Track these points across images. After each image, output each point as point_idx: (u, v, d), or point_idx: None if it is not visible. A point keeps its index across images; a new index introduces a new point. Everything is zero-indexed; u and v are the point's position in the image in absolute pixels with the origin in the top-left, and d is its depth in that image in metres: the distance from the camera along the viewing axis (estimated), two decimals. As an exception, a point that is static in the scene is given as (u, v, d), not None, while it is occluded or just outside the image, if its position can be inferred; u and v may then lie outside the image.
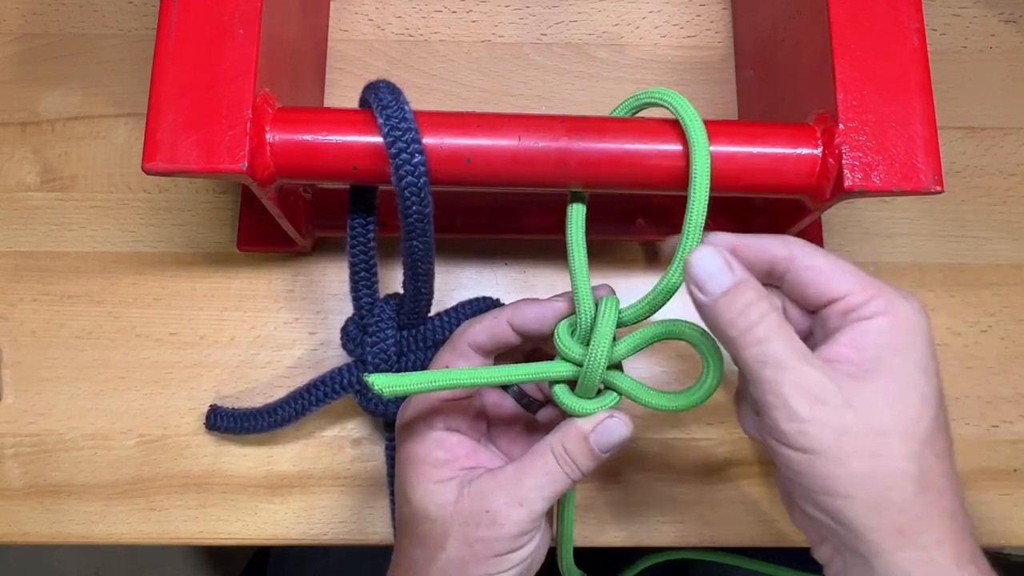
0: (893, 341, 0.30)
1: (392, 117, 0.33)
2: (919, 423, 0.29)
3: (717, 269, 0.30)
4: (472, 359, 0.36)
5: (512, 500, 0.33)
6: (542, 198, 0.46)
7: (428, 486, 0.34)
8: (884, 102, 0.35)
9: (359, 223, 0.39)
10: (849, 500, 0.29)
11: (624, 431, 0.34)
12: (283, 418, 0.42)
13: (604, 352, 0.34)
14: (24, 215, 0.47)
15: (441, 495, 0.34)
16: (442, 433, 0.36)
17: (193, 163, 0.32)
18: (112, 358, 0.45)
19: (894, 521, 0.29)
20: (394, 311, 0.40)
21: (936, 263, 0.48)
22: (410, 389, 0.33)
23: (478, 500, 0.33)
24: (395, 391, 0.33)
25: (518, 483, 0.33)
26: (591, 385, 0.34)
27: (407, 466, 0.36)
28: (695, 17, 0.51)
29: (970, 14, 0.52)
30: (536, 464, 0.34)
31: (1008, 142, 0.50)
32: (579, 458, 0.34)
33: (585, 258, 0.36)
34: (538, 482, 0.33)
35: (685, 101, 0.34)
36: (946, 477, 0.30)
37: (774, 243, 0.32)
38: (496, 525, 0.33)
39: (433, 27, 0.50)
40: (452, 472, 0.35)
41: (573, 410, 0.35)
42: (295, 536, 0.44)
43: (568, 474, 0.34)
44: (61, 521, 0.43)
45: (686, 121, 0.34)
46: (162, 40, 0.34)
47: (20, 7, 0.49)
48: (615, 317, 0.34)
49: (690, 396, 0.34)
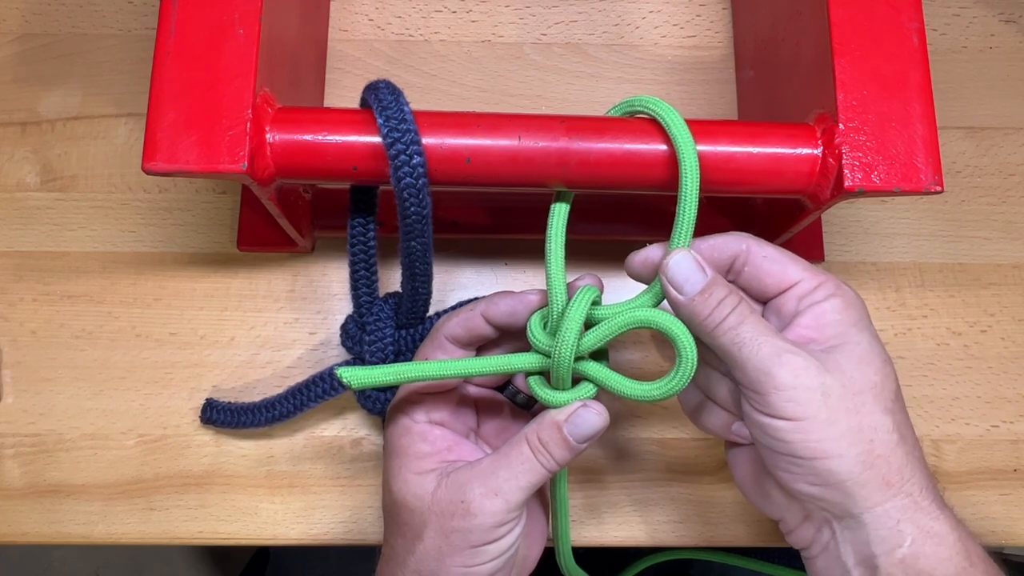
0: (848, 317, 0.33)
1: (392, 118, 0.33)
2: (886, 382, 0.33)
3: (691, 270, 0.33)
4: (451, 351, 0.37)
5: (487, 490, 0.33)
6: (542, 198, 0.46)
7: (408, 476, 0.35)
8: (884, 102, 0.35)
9: (359, 223, 0.40)
10: (842, 459, 0.31)
11: (598, 421, 0.34)
12: (281, 413, 0.42)
13: (571, 341, 0.33)
14: (24, 215, 0.47)
15: (420, 486, 0.34)
16: (425, 426, 0.36)
17: (193, 163, 0.32)
18: (112, 358, 0.45)
19: (881, 472, 0.31)
20: (393, 310, 0.40)
21: (936, 263, 0.48)
22: (378, 382, 0.34)
23: (454, 490, 0.34)
24: (363, 383, 0.34)
25: (493, 473, 0.34)
26: (562, 375, 0.34)
27: (390, 457, 0.36)
28: (695, 17, 0.51)
29: (970, 14, 0.52)
30: (511, 455, 0.34)
31: (1008, 142, 0.50)
32: (554, 448, 0.34)
33: (562, 251, 0.36)
34: (513, 472, 0.34)
35: (669, 108, 0.34)
36: (912, 430, 0.33)
37: (731, 240, 0.35)
38: (470, 515, 0.33)
39: (433, 27, 0.50)
40: (433, 464, 0.35)
41: (547, 401, 0.35)
42: (295, 536, 0.44)
43: (543, 464, 0.34)
44: (61, 521, 0.43)
45: (672, 130, 0.34)
46: (162, 40, 0.34)
47: (20, 7, 0.49)
48: (586, 306, 0.34)
49: (666, 385, 0.33)
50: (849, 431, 0.31)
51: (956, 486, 0.45)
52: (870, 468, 0.31)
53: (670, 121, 0.34)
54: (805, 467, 0.31)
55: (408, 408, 0.37)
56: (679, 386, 0.33)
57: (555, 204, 0.37)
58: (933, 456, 0.46)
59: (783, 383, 0.31)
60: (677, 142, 0.34)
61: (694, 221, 0.34)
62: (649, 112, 0.35)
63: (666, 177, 0.35)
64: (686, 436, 0.45)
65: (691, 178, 0.33)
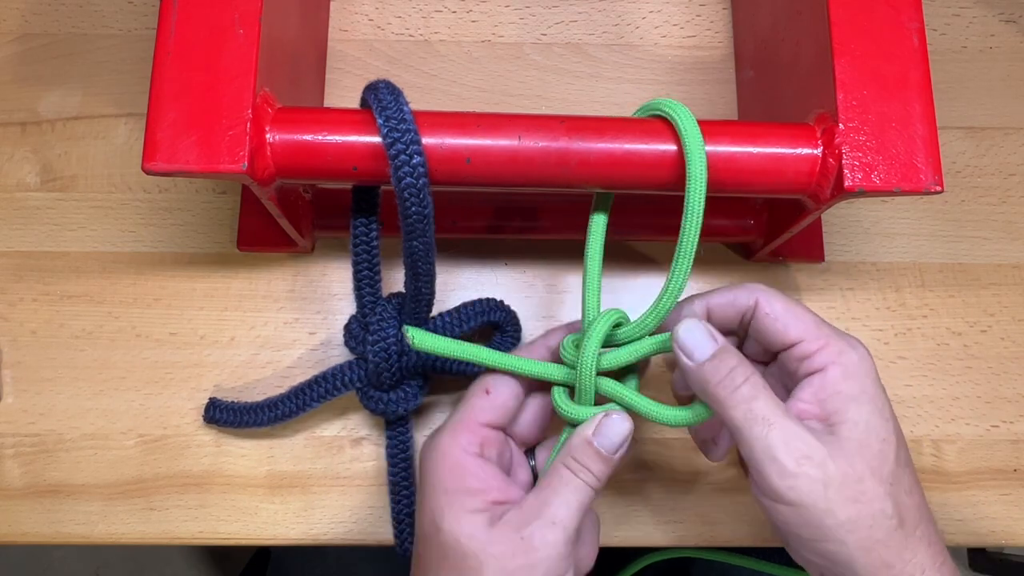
0: (849, 389, 0.33)
1: (392, 118, 0.33)
2: (885, 465, 0.32)
3: (702, 338, 0.34)
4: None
5: (543, 522, 0.33)
6: (543, 198, 0.46)
7: (460, 515, 0.34)
8: (884, 102, 0.35)
9: (361, 223, 0.40)
10: (842, 544, 0.31)
11: (625, 426, 0.35)
12: (283, 413, 0.42)
13: (591, 354, 0.35)
14: (24, 215, 0.47)
15: (472, 526, 0.34)
16: (477, 460, 0.36)
17: (193, 163, 0.32)
18: (112, 358, 0.45)
19: (881, 556, 0.32)
20: (396, 310, 0.40)
21: (936, 263, 0.48)
22: (438, 348, 0.36)
23: (511, 530, 0.33)
24: (424, 346, 0.36)
25: (545, 504, 0.34)
26: (584, 388, 0.36)
27: (439, 492, 0.35)
28: (695, 17, 0.51)
29: (970, 14, 0.52)
30: (554, 484, 0.34)
31: (1008, 142, 0.50)
32: (591, 463, 0.34)
33: (599, 270, 0.37)
34: (563, 499, 0.34)
35: (685, 112, 0.34)
36: (918, 510, 0.33)
37: (740, 294, 0.36)
38: (532, 550, 0.33)
39: (433, 27, 0.50)
40: (483, 503, 0.35)
41: (565, 413, 0.36)
42: (295, 536, 0.44)
43: (587, 482, 0.34)
44: (61, 521, 0.43)
45: (685, 137, 0.34)
46: (162, 40, 0.34)
47: (20, 7, 0.49)
48: (607, 324, 0.36)
49: (692, 412, 0.34)
50: (848, 520, 0.31)
51: (956, 486, 0.45)
52: (869, 553, 0.31)
53: (683, 126, 0.34)
54: (806, 545, 0.32)
55: (461, 438, 0.36)
56: (708, 413, 0.34)
57: (594, 215, 0.38)
58: (933, 456, 0.46)
59: (787, 470, 0.31)
60: (686, 145, 0.34)
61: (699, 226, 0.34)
62: (664, 114, 0.35)
63: (668, 177, 0.35)
64: (686, 436, 0.45)
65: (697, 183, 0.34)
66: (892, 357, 0.47)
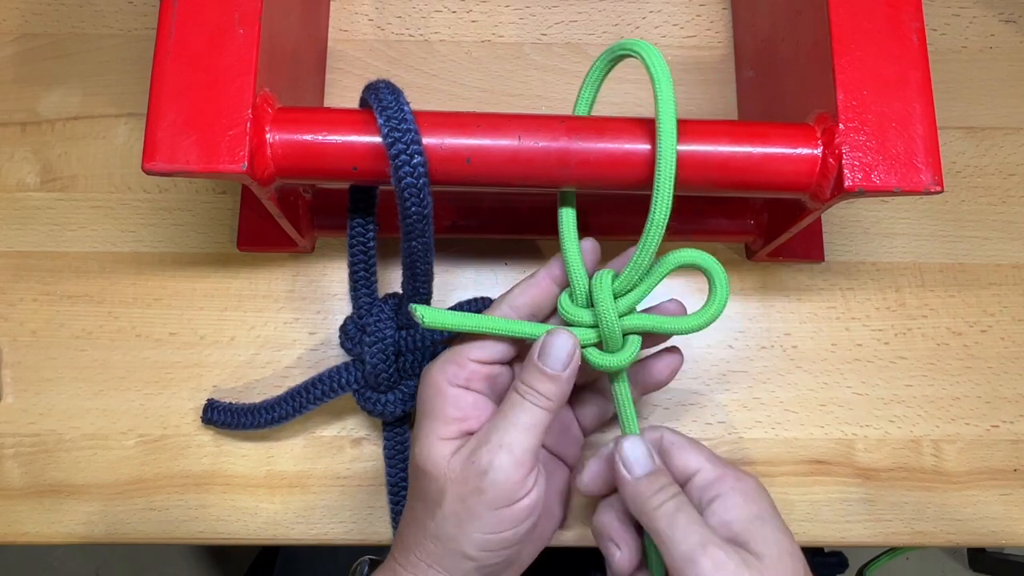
0: (750, 513, 0.35)
1: (392, 118, 0.33)
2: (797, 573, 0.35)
3: (643, 455, 0.36)
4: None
5: (492, 446, 0.34)
6: (542, 198, 0.46)
7: (432, 440, 0.35)
8: (884, 102, 0.35)
9: (358, 223, 0.40)
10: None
11: (569, 341, 0.35)
12: (281, 415, 0.42)
13: (609, 304, 0.36)
14: (24, 215, 0.47)
15: (439, 452, 0.35)
16: (458, 390, 0.36)
17: (193, 163, 0.32)
18: (112, 358, 0.45)
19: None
20: (393, 311, 0.40)
21: (936, 263, 0.48)
22: (448, 324, 0.36)
23: (467, 455, 0.34)
24: (433, 323, 0.36)
25: (494, 429, 0.35)
26: (613, 335, 0.36)
27: (420, 417, 0.37)
28: (695, 17, 0.51)
29: (970, 14, 0.52)
30: (505, 408, 0.35)
31: (1008, 142, 0.50)
32: (537, 384, 0.35)
33: (576, 239, 0.38)
34: (511, 422, 0.34)
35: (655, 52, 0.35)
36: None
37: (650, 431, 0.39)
38: (481, 474, 0.34)
39: (433, 27, 0.50)
40: (457, 431, 0.36)
41: (605, 366, 0.37)
42: (295, 536, 0.44)
43: (535, 403, 0.35)
44: (61, 521, 0.43)
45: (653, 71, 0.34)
46: (162, 40, 0.34)
47: (20, 7, 0.49)
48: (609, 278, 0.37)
49: (705, 313, 0.37)
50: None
51: (956, 486, 0.45)
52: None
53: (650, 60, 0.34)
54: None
55: (448, 368, 0.37)
56: (717, 312, 0.37)
57: (562, 209, 0.38)
58: (933, 456, 0.46)
59: (703, 573, 0.32)
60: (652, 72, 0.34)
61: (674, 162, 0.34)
62: (634, 53, 0.35)
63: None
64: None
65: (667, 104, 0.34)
66: (892, 357, 0.47)
